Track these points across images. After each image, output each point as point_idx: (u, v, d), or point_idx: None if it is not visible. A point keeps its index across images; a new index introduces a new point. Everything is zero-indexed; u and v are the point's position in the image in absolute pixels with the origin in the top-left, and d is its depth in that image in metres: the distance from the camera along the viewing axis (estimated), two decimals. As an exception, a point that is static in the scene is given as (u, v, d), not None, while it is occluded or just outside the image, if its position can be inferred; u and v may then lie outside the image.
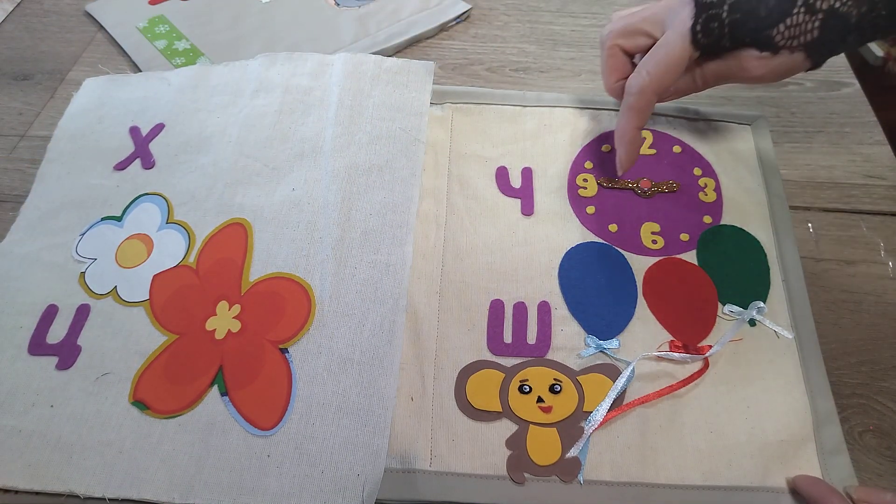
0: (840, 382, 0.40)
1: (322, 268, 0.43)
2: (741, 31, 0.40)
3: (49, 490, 0.36)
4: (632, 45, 0.44)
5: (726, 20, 0.39)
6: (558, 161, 0.49)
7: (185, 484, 0.36)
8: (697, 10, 0.40)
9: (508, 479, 0.36)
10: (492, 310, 0.42)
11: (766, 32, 0.39)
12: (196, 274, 0.43)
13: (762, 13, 0.39)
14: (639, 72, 0.42)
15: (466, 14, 0.64)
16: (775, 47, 0.40)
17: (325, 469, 0.36)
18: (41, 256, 0.45)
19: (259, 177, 0.48)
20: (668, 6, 0.42)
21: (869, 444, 0.38)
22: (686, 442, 0.37)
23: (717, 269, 0.44)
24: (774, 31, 0.39)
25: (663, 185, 0.47)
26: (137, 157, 0.50)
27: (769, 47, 0.40)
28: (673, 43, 0.41)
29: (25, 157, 0.53)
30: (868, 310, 0.44)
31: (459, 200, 0.47)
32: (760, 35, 0.40)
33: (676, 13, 0.41)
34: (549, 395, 0.39)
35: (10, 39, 0.64)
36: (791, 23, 0.39)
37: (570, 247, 0.45)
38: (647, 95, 0.42)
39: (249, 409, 0.38)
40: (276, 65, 0.54)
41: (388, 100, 0.51)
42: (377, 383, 0.38)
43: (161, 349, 0.40)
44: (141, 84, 0.54)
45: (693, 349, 0.40)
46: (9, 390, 0.39)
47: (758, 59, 0.41)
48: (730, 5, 0.39)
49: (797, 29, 0.39)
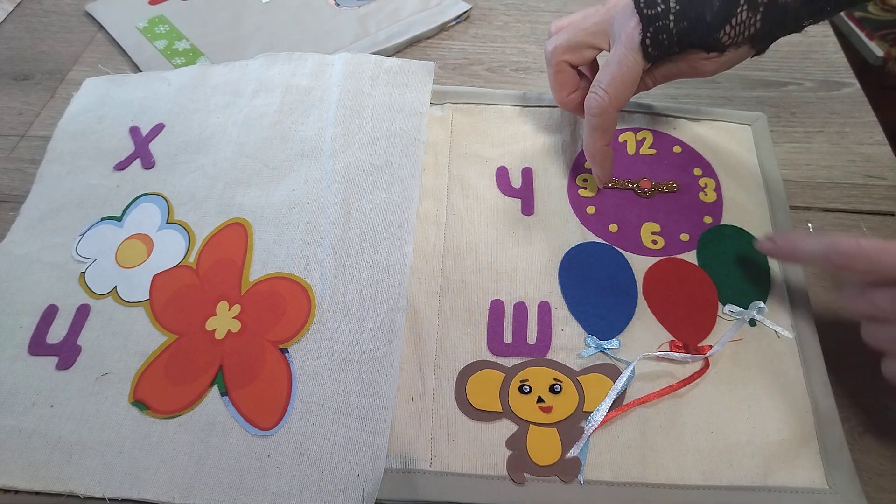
0: (840, 382, 0.40)
1: (322, 268, 0.43)
2: (689, 38, 0.40)
3: (49, 490, 0.36)
4: (579, 59, 0.44)
5: (674, 30, 0.40)
6: (558, 161, 0.49)
7: (185, 484, 0.36)
8: (644, 24, 0.40)
9: (508, 479, 0.36)
10: (492, 310, 0.42)
11: (713, 35, 0.40)
12: (196, 274, 0.43)
13: (708, 18, 0.39)
14: (596, 91, 0.42)
15: (466, 14, 0.64)
16: (723, 47, 0.41)
17: (325, 469, 0.36)
18: (41, 256, 0.45)
19: (259, 177, 0.48)
20: (610, 15, 0.42)
21: (869, 444, 0.38)
22: (686, 442, 0.37)
23: (718, 269, 0.44)
24: (721, 33, 0.40)
25: (663, 185, 0.47)
26: (137, 157, 0.50)
27: (717, 48, 0.41)
28: (625, 59, 0.41)
29: (25, 157, 0.53)
30: (868, 310, 0.44)
31: (459, 200, 0.47)
32: (709, 39, 0.40)
33: (622, 25, 0.41)
34: (549, 395, 0.39)
35: (10, 39, 0.64)
36: (736, 22, 0.39)
37: (571, 247, 0.45)
38: (609, 113, 0.42)
39: (249, 409, 0.38)
40: (276, 65, 0.54)
41: (388, 100, 0.51)
42: (377, 383, 0.38)
43: (161, 349, 0.40)
44: (141, 84, 0.54)
45: (693, 349, 0.40)
46: (9, 390, 0.39)
47: (706, 59, 0.42)
48: (675, 15, 0.39)
49: (742, 26, 0.40)
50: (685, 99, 0.55)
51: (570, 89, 0.46)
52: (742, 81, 0.57)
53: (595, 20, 0.43)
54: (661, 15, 0.39)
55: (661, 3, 0.39)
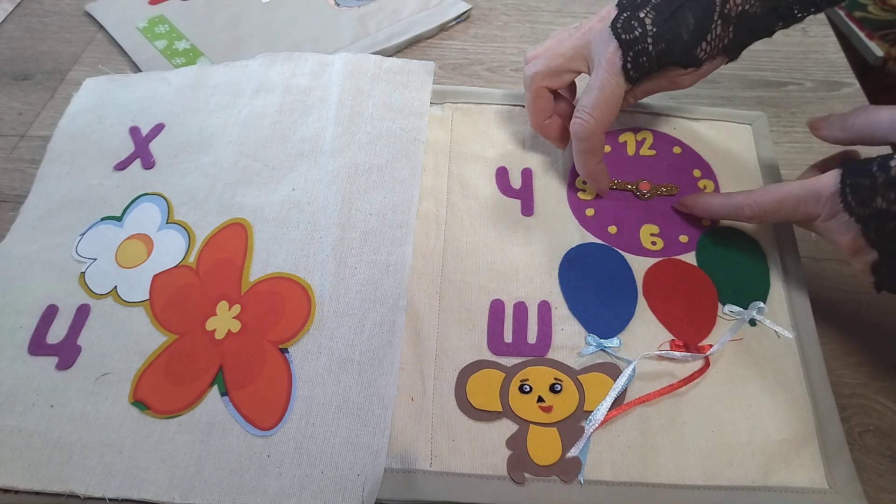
0: (840, 382, 0.40)
1: (322, 268, 0.43)
2: (668, 57, 0.41)
3: (49, 490, 0.36)
4: (558, 84, 0.45)
5: (653, 52, 0.40)
6: (558, 162, 0.49)
7: (185, 484, 0.36)
8: (624, 49, 0.40)
9: (508, 479, 0.36)
10: (492, 310, 0.42)
11: (690, 52, 0.41)
12: (196, 274, 0.44)
13: (685, 37, 0.40)
14: (581, 116, 0.42)
15: (466, 14, 0.64)
16: (699, 62, 0.42)
17: (325, 469, 0.36)
18: (41, 256, 0.45)
19: (259, 177, 0.48)
20: (586, 40, 0.43)
21: (869, 444, 0.38)
22: (687, 441, 0.37)
23: (717, 271, 0.44)
24: (698, 50, 0.41)
25: (662, 187, 0.47)
26: (137, 157, 0.50)
27: (694, 63, 0.42)
28: (608, 83, 0.41)
29: (25, 157, 0.53)
30: (868, 310, 0.44)
31: (459, 200, 0.47)
32: (686, 56, 0.41)
33: (600, 50, 0.41)
34: (549, 394, 0.39)
35: (10, 39, 0.64)
36: (711, 37, 0.41)
37: (570, 247, 0.45)
38: (596, 136, 0.43)
39: (249, 409, 0.38)
40: (276, 65, 0.54)
41: (388, 100, 0.51)
42: (377, 383, 0.38)
43: (161, 349, 0.40)
44: (141, 84, 0.54)
45: (694, 348, 0.40)
46: (9, 390, 0.39)
47: (684, 74, 0.43)
48: (653, 37, 0.40)
49: (717, 41, 0.41)
50: (685, 99, 0.55)
51: (546, 114, 0.46)
52: (742, 81, 0.57)
53: (571, 45, 0.43)
54: (640, 39, 0.40)
55: (639, 27, 0.40)
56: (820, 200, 0.37)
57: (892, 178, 0.34)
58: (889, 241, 0.35)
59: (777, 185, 0.40)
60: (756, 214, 0.41)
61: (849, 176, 0.36)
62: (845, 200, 0.35)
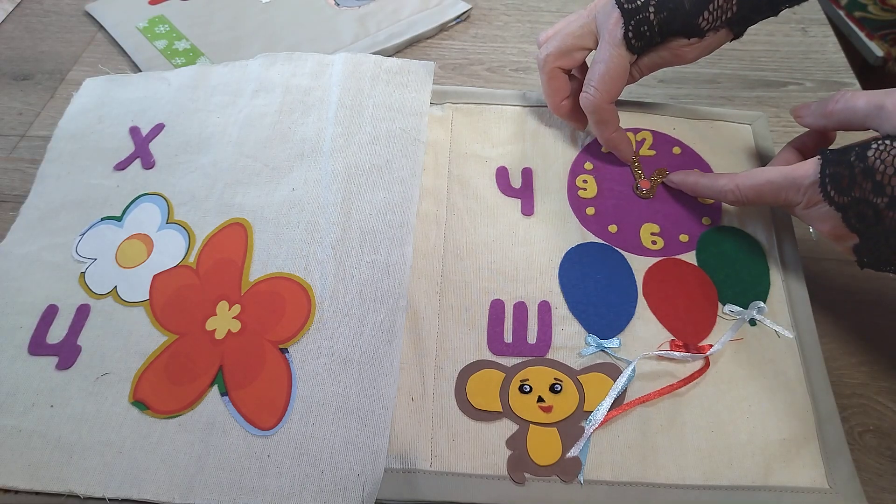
0: (840, 382, 0.40)
1: (322, 268, 0.43)
2: (670, 26, 0.42)
3: (49, 490, 0.36)
4: (570, 63, 0.46)
5: (654, 21, 0.41)
6: (558, 161, 0.49)
7: (185, 484, 0.36)
8: (626, 18, 0.41)
9: (508, 479, 0.36)
10: (492, 310, 0.42)
11: (692, 22, 0.41)
12: (196, 274, 0.44)
13: (687, 6, 0.41)
14: (587, 90, 0.44)
15: (466, 14, 0.64)
16: (702, 33, 0.42)
17: (325, 469, 0.36)
18: (41, 256, 0.45)
19: (259, 177, 0.48)
20: (592, 15, 0.44)
21: (869, 444, 0.39)
22: (687, 441, 0.37)
23: (717, 270, 0.44)
24: (700, 19, 0.41)
25: (655, 176, 0.48)
26: (137, 157, 0.50)
27: (697, 34, 0.42)
28: (611, 55, 0.42)
29: (25, 157, 0.53)
30: (868, 310, 0.44)
31: (459, 200, 0.47)
32: (688, 26, 0.42)
33: (604, 22, 0.42)
34: (549, 394, 0.39)
35: (10, 39, 0.64)
36: (713, 7, 0.41)
37: (570, 247, 0.45)
38: (604, 107, 0.44)
39: (249, 409, 0.38)
40: (276, 65, 0.54)
41: (388, 100, 0.51)
42: (377, 383, 0.38)
43: (161, 349, 0.40)
44: (141, 84, 0.54)
45: (694, 348, 0.40)
46: (9, 390, 0.39)
47: (687, 45, 0.43)
48: (655, 6, 0.41)
49: (719, 10, 0.41)
50: (685, 99, 0.55)
51: (563, 95, 0.47)
52: (742, 81, 0.57)
53: (580, 23, 0.45)
54: (641, 7, 0.41)
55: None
56: (800, 189, 0.37)
57: (870, 167, 0.34)
58: (869, 227, 0.35)
59: (759, 171, 0.40)
60: (738, 199, 0.41)
61: (828, 166, 0.36)
62: (825, 191, 0.36)
